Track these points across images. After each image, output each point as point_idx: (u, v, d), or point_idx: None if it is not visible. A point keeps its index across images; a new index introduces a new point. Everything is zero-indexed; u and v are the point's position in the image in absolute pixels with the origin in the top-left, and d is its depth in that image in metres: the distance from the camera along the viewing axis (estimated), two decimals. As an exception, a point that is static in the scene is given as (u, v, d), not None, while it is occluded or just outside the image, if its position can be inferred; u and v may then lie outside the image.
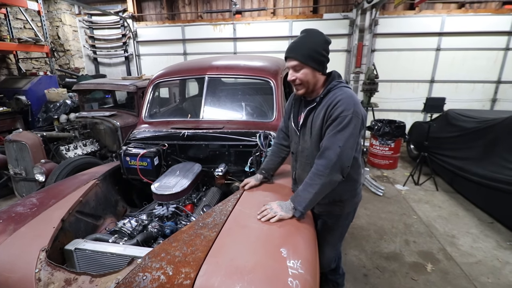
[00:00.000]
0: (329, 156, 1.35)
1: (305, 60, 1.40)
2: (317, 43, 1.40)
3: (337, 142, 1.35)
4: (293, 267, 1.08)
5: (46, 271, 1.20)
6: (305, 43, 1.40)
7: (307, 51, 1.39)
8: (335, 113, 1.36)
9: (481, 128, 3.89)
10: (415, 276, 2.53)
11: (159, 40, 7.60)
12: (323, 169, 1.36)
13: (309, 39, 1.41)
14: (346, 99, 1.37)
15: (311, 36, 1.42)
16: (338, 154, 1.34)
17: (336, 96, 1.40)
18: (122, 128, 3.95)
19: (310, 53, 1.39)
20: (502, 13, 6.00)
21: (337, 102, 1.37)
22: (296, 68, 1.43)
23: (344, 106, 1.35)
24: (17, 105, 5.30)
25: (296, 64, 1.42)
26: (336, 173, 1.36)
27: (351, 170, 1.47)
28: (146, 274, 1.07)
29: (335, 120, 1.36)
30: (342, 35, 6.64)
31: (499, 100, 6.50)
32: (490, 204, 3.49)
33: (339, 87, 1.44)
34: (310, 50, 1.39)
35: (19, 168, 3.45)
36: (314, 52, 1.39)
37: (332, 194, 1.49)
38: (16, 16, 6.60)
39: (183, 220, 1.83)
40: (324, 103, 1.43)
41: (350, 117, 1.34)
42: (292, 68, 1.45)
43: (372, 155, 5.26)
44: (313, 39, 1.41)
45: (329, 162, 1.35)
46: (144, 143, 2.28)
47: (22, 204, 1.63)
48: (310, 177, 1.40)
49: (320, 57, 1.41)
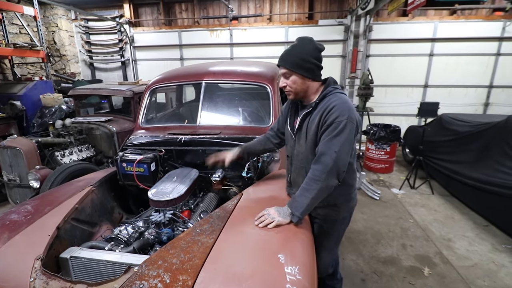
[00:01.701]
0: (325, 161, 1.37)
1: (293, 68, 1.46)
2: (307, 51, 1.45)
3: (332, 147, 1.37)
4: (291, 273, 1.08)
5: (41, 280, 1.18)
6: (294, 51, 1.47)
7: (295, 59, 1.45)
8: (330, 119, 1.39)
9: (475, 132, 3.94)
10: (412, 280, 2.54)
11: (156, 46, 7.62)
12: (319, 174, 1.38)
13: (299, 48, 1.47)
14: (341, 105, 1.40)
15: (302, 45, 1.47)
16: (334, 159, 1.36)
17: (331, 102, 1.43)
18: (118, 134, 3.92)
19: (298, 61, 1.45)
20: (493, 19, 6.14)
21: (332, 108, 1.40)
22: (286, 76, 1.50)
23: (339, 112, 1.38)
24: (11, 110, 5.24)
25: (285, 71, 1.49)
26: (333, 177, 1.38)
27: (346, 175, 1.49)
28: (143, 282, 1.07)
29: (330, 125, 1.39)
30: (337, 41, 6.74)
31: (491, 104, 6.62)
32: (485, 207, 3.52)
33: (334, 93, 1.48)
34: (298, 58, 1.45)
35: (13, 175, 3.41)
36: (302, 60, 1.44)
37: (327, 199, 1.51)
38: (12, 21, 6.58)
39: (180, 226, 1.82)
40: (319, 109, 1.46)
41: (345, 123, 1.37)
42: (282, 76, 1.52)
43: (368, 159, 5.30)
44: (303, 47, 1.46)
45: (325, 167, 1.37)
46: (140, 148, 2.27)
47: (17, 212, 1.61)
48: (307, 182, 1.42)
49: (308, 64, 1.45)
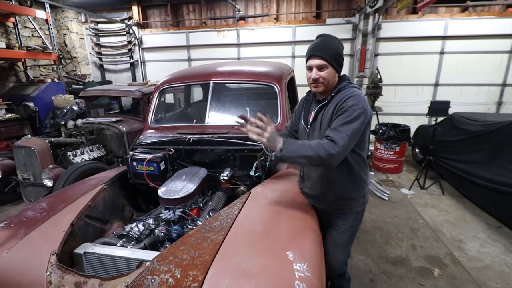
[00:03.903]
0: (337, 140, 1.34)
1: (331, 60, 1.47)
2: (339, 46, 1.50)
3: (345, 130, 1.36)
4: (300, 270, 1.09)
5: (56, 274, 1.22)
6: (329, 44, 1.48)
7: (333, 52, 1.47)
8: (346, 106, 1.41)
9: (487, 131, 3.86)
10: (422, 281, 2.50)
11: (164, 47, 7.71)
12: (327, 147, 1.32)
13: (331, 42, 1.49)
14: (357, 97, 1.43)
15: (333, 40, 1.51)
16: (344, 141, 1.33)
17: (347, 94, 1.46)
18: (128, 134, 3.99)
19: (335, 54, 1.47)
20: (506, 16, 5.98)
21: (348, 97, 1.43)
22: (320, 67, 1.48)
23: (355, 101, 1.40)
24: (25, 111, 5.40)
25: (322, 63, 1.46)
26: (333, 157, 1.33)
27: (360, 170, 1.50)
28: (155, 277, 1.09)
29: (345, 111, 1.39)
30: (345, 39, 6.66)
31: (504, 103, 6.44)
32: (498, 208, 3.44)
33: (349, 87, 1.51)
34: (335, 51, 1.47)
35: (27, 174, 3.51)
36: (337, 54, 1.48)
37: (340, 190, 1.51)
38: (24, 25, 6.77)
39: (189, 224, 1.85)
40: (335, 100, 1.49)
41: (359, 112, 1.38)
42: (316, 67, 1.48)
43: (377, 159, 5.24)
44: (335, 42, 1.50)
45: (335, 146, 1.32)
46: (150, 148, 2.31)
47: (33, 209, 1.66)
48: (309, 144, 1.37)
49: (340, 59, 1.50)
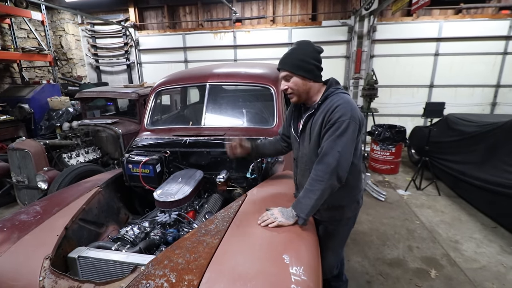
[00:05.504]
0: (328, 161, 1.36)
1: (293, 69, 1.47)
2: (305, 53, 1.47)
3: (335, 147, 1.36)
4: (296, 273, 1.08)
5: (50, 279, 1.20)
6: (294, 54, 1.49)
7: (295, 61, 1.47)
8: (333, 119, 1.39)
9: (482, 132, 3.89)
10: (419, 282, 2.51)
11: (160, 48, 7.70)
12: (322, 174, 1.37)
13: (298, 50, 1.49)
14: (344, 105, 1.40)
15: (300, 47, 1.50)
16: (337, 159, 1.35)
17: (334, 102, 1.43)
18: (124, 136, 3.97)
19: (297, 62, 1.46)
20: (499, 18, 6.07)
21: (335, 108, 1.40)
22: (286, 78, 1.51)
23: (342, 112, 1.38)
24: (20, 113, 5.35)
25: (286, 74, 1.50)
26: (335, 177, 1.37)
27: (350, 176, 1.48)
28: (150, 281, 1.08)
29: (333, 125, 1.39)
30: (341, 41, 6.72)
31: (499, 104, 6.53)
32: (493, 209, 3.47)
33: (336, 93, 1.48)
34: (298, 60, 1.46)
35: (21, 176, 3.47)
36: (301, 62, 1.46)
37: (331, 201, 1.50)
38: (20, 26, 6.73)
39: (185, 227, 1.84)
40: (322, 109, 1.46)
41: (348, 122, 1.36)
42: (283, 78, 1.53)
43: (373, 160, 5.26)
44: (302, 49, 1.48)
45: (328, 167, 1.36)
46: (146, 150, 2.30)
47: (26, 212, 1.64)
48: (310, 183, 1.41)
49: (308, 65, 1.47)
